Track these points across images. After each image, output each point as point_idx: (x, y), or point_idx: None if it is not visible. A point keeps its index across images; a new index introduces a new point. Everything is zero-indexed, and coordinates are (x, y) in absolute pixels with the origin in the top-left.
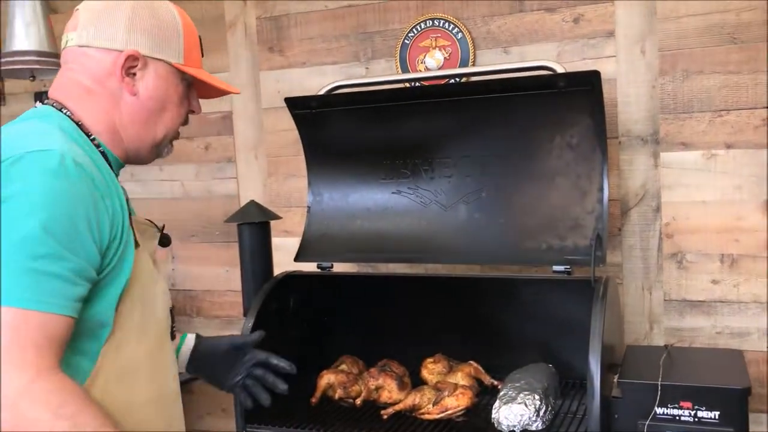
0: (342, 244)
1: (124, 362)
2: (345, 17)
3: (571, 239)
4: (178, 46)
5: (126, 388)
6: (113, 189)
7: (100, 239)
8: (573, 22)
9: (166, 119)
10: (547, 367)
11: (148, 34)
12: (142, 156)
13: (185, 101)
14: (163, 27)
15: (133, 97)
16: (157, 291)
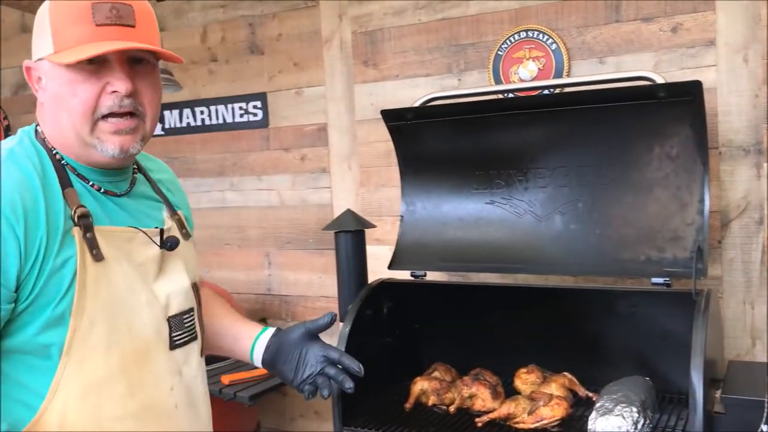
0: (435, 253)
1: (88, 378)
2: (438, 30)
3: (670, 251)
4: (47, 36)
5: (92, 404)
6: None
7: (3, 271)
8: (671, 31)
9: (66, 114)
10: (644, 380)
11: (34, 41)
12: (85, 156)
13: (85, 86)
14: (37, 27)
15: (43, 104)
16: (135, 303)
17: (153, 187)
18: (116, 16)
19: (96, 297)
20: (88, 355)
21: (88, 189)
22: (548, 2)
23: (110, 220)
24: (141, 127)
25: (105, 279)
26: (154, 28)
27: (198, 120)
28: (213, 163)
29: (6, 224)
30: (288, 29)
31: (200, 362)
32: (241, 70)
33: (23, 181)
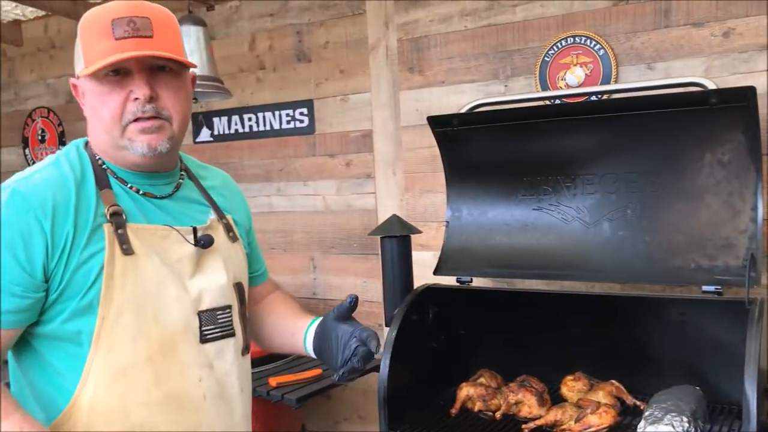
0: (481, 259)
1: (115, 365)
2: (484, 36)
3: (721, 259)
4: (79, 53)
5: (119, 390)
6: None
7: (29, 261)
8: (722, 36)
9: (101, 121)
10: (694, 390)
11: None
12: (120, 159)
13: (113, 95)
14: (76, 46)
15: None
16: (164, 295)
17: (201, 192)
18: (133, 29)
19: (123, 288)
20: (116, 342)
21: (126, 190)
22: (596, 8)
23: (146, 219)
24: (167, 128)
25: (133, 272)
26: (173, 37)
27: (246, 126)
28: (260, 169)
29: (35, 219)
30: (335, 37)
31: (238, 359)
32: (288, 78)
33: (58, 181)
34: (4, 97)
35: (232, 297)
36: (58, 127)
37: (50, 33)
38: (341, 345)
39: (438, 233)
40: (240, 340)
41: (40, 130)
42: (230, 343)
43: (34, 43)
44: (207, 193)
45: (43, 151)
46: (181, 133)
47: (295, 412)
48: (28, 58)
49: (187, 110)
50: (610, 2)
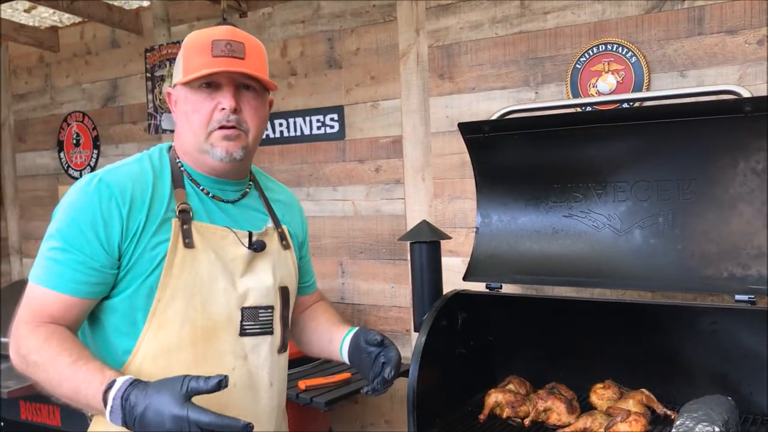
0: (510, 266)
1: (162, 344)
2: (515, 44)
3: (755, 268)
4: (180, 66)
5: (162, 366)
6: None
7: (108, 240)
8: (757, 44)
9: (190, 127)
10: (726, 400)
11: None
12: (201, 162)
13: (204, 104)
14: (177, 59)
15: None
16: (213, 288)
17: (264, 202)
18: (229, 50)
19: (180, 276)
20: (165, 323)
21: (197, 192)
22: (628, 15)
23: (210, 219)
24: (243, 138)
25: (191, 263)
26: (261, 62)
27: (277, 132)
28: (290, 174)
29: (115, 204)
30: (365, 44)
31: (272, 356)
32: (319, 84)
33: (139, 175)
34: (39, 102)
35: (275, 299)
36: (92, 131)
37: (86, 39)
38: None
39: (467, 239)
40: (277, 338)
41: (75, 134)
42: (267, 340)
43: (71, 49)
44: (269, 203)
45: (78, 155)
46: (254, 146)
47: (323, 415)
48: (64, 63)
49: (263, 126)
50: (642, 10)
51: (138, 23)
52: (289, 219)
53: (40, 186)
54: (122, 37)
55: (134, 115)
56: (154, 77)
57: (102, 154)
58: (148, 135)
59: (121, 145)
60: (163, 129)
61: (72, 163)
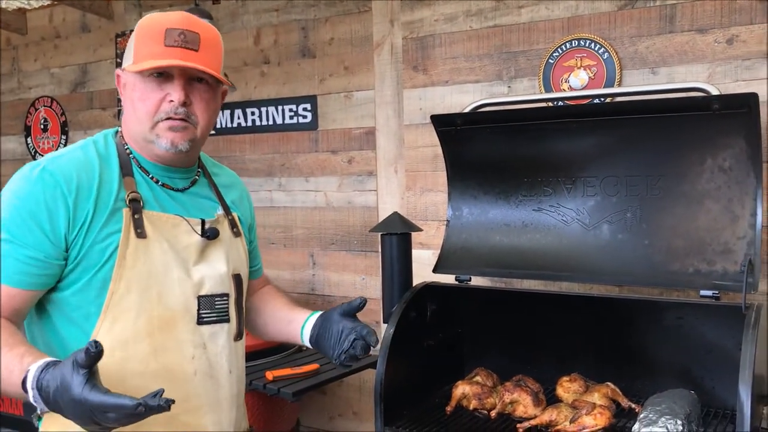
0: (480, 259)
1: (118, 337)
2: (489, 37)
3: (720, 264)
4: (131, 50)
5: (118, 359)
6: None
7: (53, 231)
8: (726, 43)
9: (137, 115)
10: (689, 393)
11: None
12: (148, 152)
13: (153, 93)
14: (129, 41)
15: (125, 107)
16: (168, 278)
17: (213, 189)
18: (183, 40)
19: (133, 267)
20: (120, 316)
21: (147, 180)
22: (601, 12)
23: (161, 207)
24: (191, 130)
25: (144, 254)
26: (215, 55)
27: (249, 121)
28: (262, 163)
29: (60, 194)
30: (340, 33)
31: (230, 343)
32: (292, 73)
33: (84, 163)
34: (6, 86)
35: (230, 286)
36: (60, 117)
37: (55, 22)
38: (342, 337)
39: (438, 232)
40: (234, 326)
41: (43, 119)
42: (224, 327)
43: (39, 32)
44: (218, 190)
45: (45, 141)
46: (202, 138)
47: (290, 406)
48: (32, 47)
49: (213, 120)
50: (615, 6)
51: (109, 8)
52: (238, 205)
53: (6, 171)
54: (92, 21)
55: (104, 100)
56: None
57: (70, 139)
58: (118, 121)
59: (90, 131)
60: None
61: (39, 149)
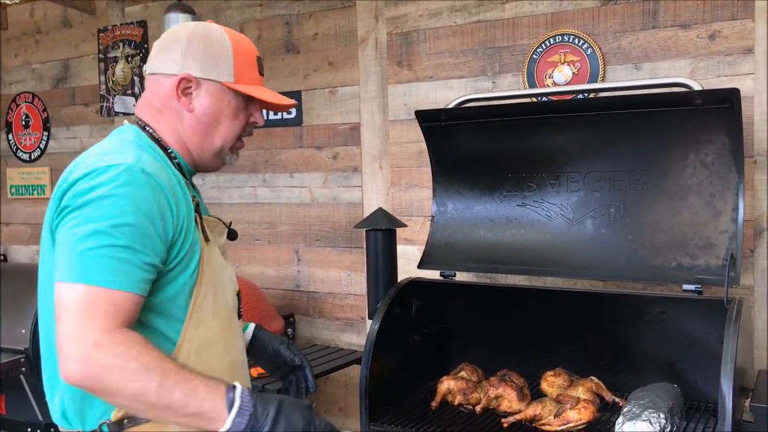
0: (465, 254)
1: (202, 338)
2: (473, 33)
3: (702, 258)
4: (228, 67)
5: (205, 359)
6: (181, 193)
7: (165, 235)
8: (708, 38)
9: (221, 131)
10: (672, 387)
11: (200, 59)
12: (206, 163)
13: (241, 114)
14: (213, 52)
15: (190, 114)
16: (225, 278)
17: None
18: (263, 69)
19: (207, 272)
20: (201, 319)
21: (190, 184)
22: (585, 7)
23: (204, 210)
24: None
25: (210, 257)
26: None
27: None
28: (246, 160)
29: (164, 197)
30: (324, 29)
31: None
32: (276, 68)
33: (160, 165)
34: None
35: None
36: (42, 113)
37: (36, 17)
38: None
39: (423, 228)
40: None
41: (24, 115)
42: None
43: (19, 28)
44: None
45: (27, 137)
46: None
47: None
48: (12, 42)
49: None
50: (598, 2)
51: (90, 3)
52: None
53: None
54: (74, 16)
55: (86, 96)
56: (107, 58)
57: (52, 136)
58: (101, 117)
59: (73, 128)
60: (116, 111)
61: (21, 145)
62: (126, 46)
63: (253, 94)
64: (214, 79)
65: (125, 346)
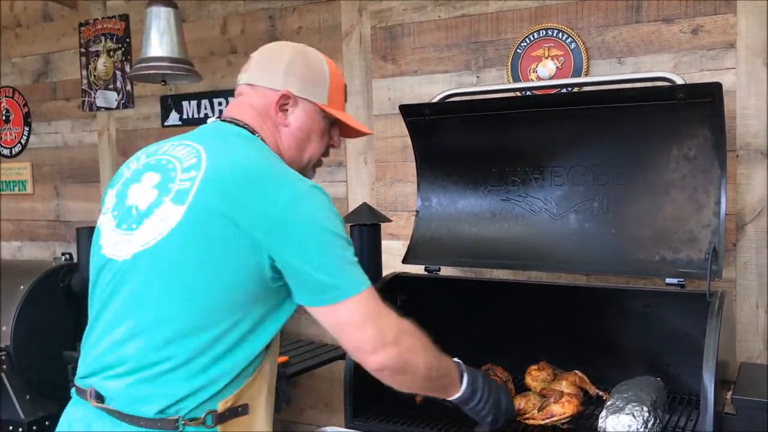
0: (449, 249)
1: (275, 344)
2: (458, 27)
3: (685, 252)
4: (324, 90)
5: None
6: None
7: None
8: (691, 33)
9: (310, 148)
10: (655, 381)
11: (300, 78)
12: None
13: (326, 136)
14: (312, 74)
15: (285, 128)
16: None
17: None
18: (347, 96)
19: None
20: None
21: None
22: (568, 1)
23: None
24: None
25: None
26: None
27: (216, 111)
28: None
29: None
30: (308, 23)
31: None
32: None
33: None
34: None
35: None
36: (23, 108)
37: (16, 11)
38: None
39: (408, 222)
40: None
41: (5, 110)
42: None
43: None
44: None
45: (8, 132)
46: None
47: None
48: None
49: None
50: None
51: None
52: None
53: None
54: (55, 10)
55: (68, 91)
56: (88, 52)
57: (33, 131)
58: (82, 112)
59: (54, 122)
60: (98, 106)
61: (2, 141)
62: (108, 40)
63: (343, 119)
64: (310, 99)
65: (411, 331)
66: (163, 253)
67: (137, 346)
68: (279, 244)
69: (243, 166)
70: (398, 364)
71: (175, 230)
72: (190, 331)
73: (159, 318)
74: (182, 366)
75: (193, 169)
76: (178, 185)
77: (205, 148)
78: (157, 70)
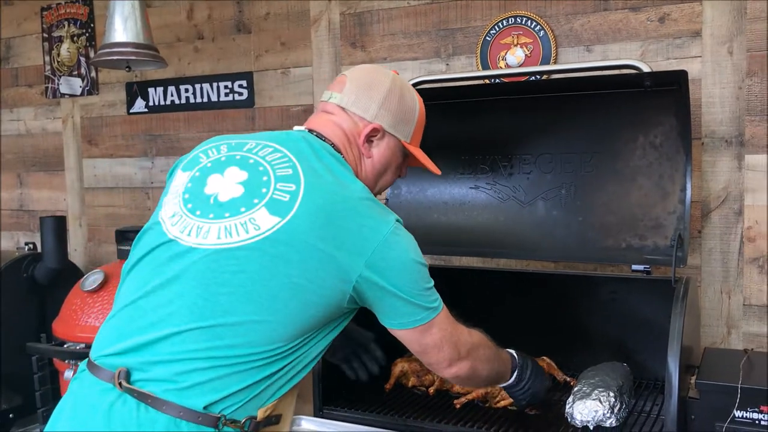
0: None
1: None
2: (427, 14)
3: (651, 239)
4: (410, 128)
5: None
6: None
7: None
8: (658, 21)
9: (384, 179)
10: (621, 366)
11: (393, 114)
12: None
13: (399, 169)
14: (405, 111)
15: (368, 159)
16: None
17: None
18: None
19: None
20: None
21: None
22: None
23: None
24: None
25: None
26: None
27: (182, 98)
28: (197, 142)
29: None
30: (276, 8)
31: None
32: (227, 49)
33: None
34: None
35: None
36: None
37: None
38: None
39: None
40: None
41: None
42: None
43: None
44: None
45: None
46: None
47: None
48: None
49: None
50: None
51: None
52: None
53: None
54: None
55: (30, 77)
56: (51, 38)
57: None
58: (46, 99)
59: (16, 110)
60: (62, 93)
61: None
62: (71, 26)
63: (419, 157)
64: (397, 136)
65: (480, 343)
66: (252, 258)
67: (203, 339)
68: (374, 277)
69: (342, 197)
70: (468, 374)
71: (269, 239)
72: (260, 342)
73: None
74: (243, 369)
75: (291, 182)
76: (274, 194)
77: (300, 162)
78: (121, 56)
